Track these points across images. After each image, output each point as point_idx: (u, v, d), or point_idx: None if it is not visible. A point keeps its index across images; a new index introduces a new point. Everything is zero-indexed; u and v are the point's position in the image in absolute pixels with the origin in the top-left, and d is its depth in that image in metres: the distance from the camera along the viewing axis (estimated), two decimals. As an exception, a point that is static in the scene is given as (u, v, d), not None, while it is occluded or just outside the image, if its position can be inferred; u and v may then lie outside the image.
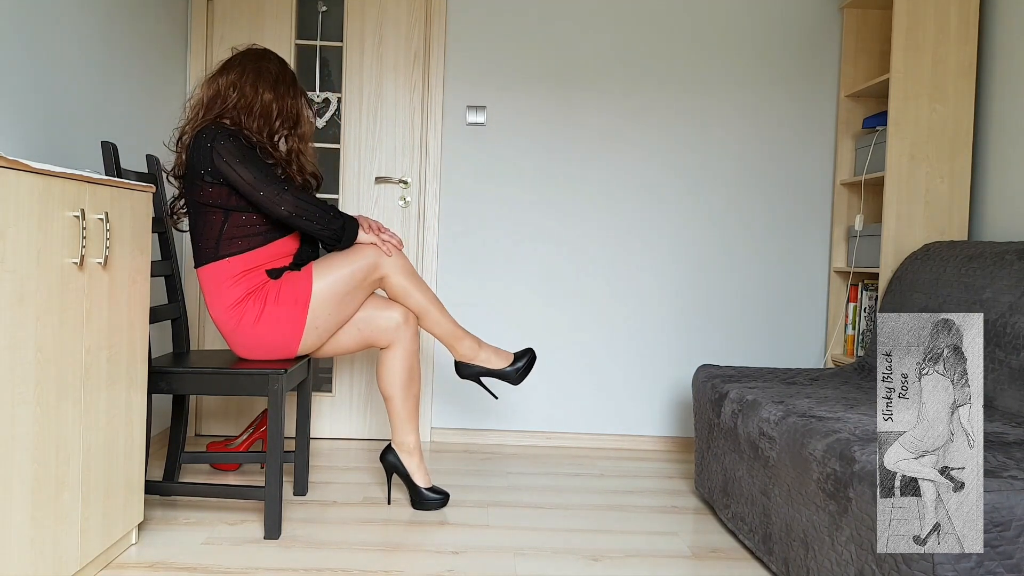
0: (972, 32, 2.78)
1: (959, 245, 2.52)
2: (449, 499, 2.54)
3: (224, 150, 2.19)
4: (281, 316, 2.28)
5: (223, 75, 2.36)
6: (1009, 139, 2.66)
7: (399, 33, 3.33)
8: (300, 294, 2.28)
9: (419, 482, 2.48)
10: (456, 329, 2.47)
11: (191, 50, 3.28)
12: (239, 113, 2.32)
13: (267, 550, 2.13)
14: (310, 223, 2.24)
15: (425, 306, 2.43)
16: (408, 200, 3.35)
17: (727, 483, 2.34)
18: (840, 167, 3.30)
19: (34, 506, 1.58)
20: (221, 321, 2.30)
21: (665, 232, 3.37)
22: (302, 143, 2.42)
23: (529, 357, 2.51)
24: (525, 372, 2.51)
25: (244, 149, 2.23)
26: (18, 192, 1.48)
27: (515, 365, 2.50)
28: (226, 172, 2.20)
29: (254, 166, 2.21)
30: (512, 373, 2.49)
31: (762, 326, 3.39)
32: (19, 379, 1.51)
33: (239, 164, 2.20)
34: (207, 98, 2.34)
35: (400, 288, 2.40)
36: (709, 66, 3.34)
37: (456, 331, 2.47)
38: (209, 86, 2.37)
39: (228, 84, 2.34)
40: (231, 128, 2.28)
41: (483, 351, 2.49)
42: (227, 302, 2.27)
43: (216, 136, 2.20)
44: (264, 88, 2.35)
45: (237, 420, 3.39)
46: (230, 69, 2.37)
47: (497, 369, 2.49)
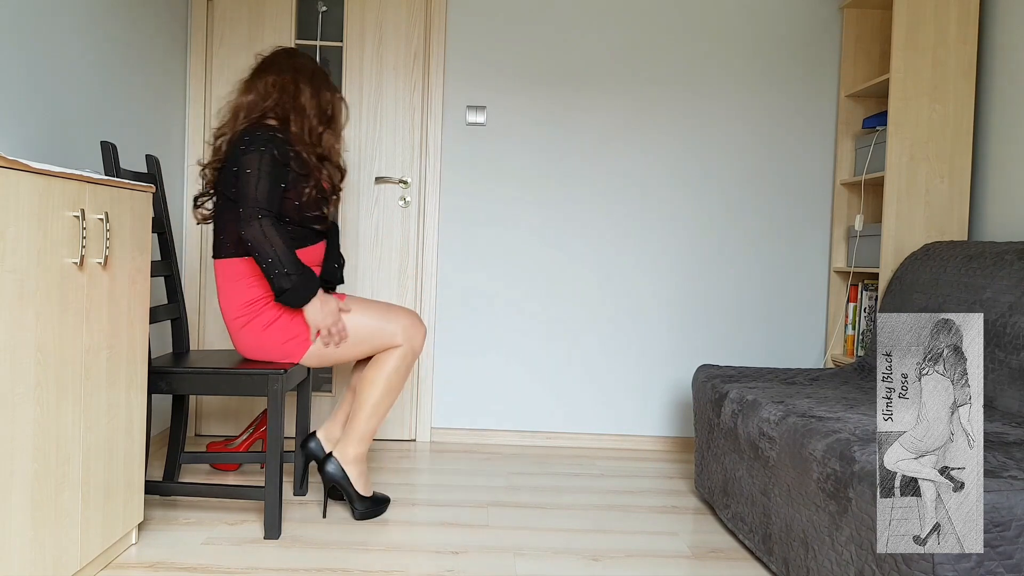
0: (972, 32, 2.78)
1: (959, 245, 2.52)
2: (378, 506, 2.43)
3: (254, 155, 2.16)
4: (292, 330, 2.26)
5: (261, 77, 2.34)
6: (1009, 139, 2.66)
7: (399, 33, 3.33)
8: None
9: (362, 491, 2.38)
10: (369, 436, 2.34)
11: (191, 50, 3.28)
12: (283, 111, 2.30)
13: (267, 550, 2.13)
14: (261, 263, 2.14)
15: (380, 394, 2.31)
16: (408, 200, 3.35)
17: (727, 483, 2.34)
18: (840, 167, 3.30)
19: (34, 506, 1.58)
20: (231, 316, 2.28)
21: (665, 232, 3.37)
22: (337, 139, 2.40)
23: (383, 507, 2.41)
24: (368, 515, 2.37)
25: (275, 167, 2.19)
26: (18, 192, 1.48)
27: (370, 501, 2.38)
28: (241, 174, 2.17)
29: (263, 183, 2.16)
30: (361, 506, 2.36)
31: (762, 326, 3.39)
32: (19, 379, 1.51)
33: (254, 173, 2.16)
34: (248, 101, 2.31)
35: (390, 365, 2.31)
36: (709, 66, 3.34)
37: (367, 436, 2.34)
38: (248, 89, 2.34)
39: (269, 85, 2.32)
40: (280, 136, 2.23)
41: (361, 468, 2.36)
42: (243, 299, 2.26)
43: (260, 140, 2.18)
44: (303, 84, 2.34)
45: (237, 420, 3.39)
46: (267, 70, 2.35)
47: (356, 491, 2.35)
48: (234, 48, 3.31)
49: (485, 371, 3.38)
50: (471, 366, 3.38)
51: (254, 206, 2.14)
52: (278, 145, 2.20)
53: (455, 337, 3.37)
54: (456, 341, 3.37)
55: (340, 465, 2.34)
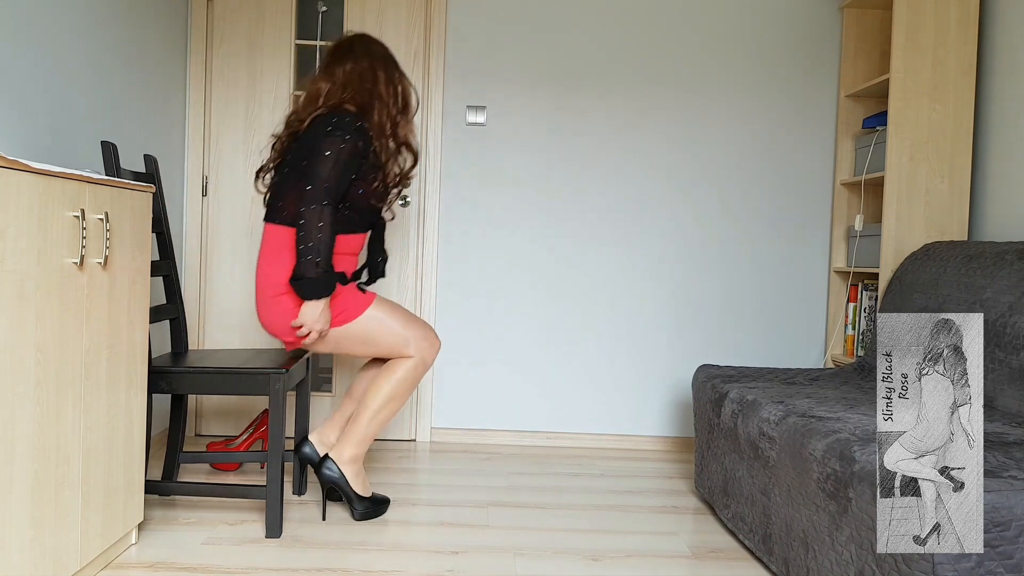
0: (972, 32, 2.78)
1: (959, 245, 2.52)
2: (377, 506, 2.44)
3: (338, 140, 2.18)
4: None
5: (339, 64, 2.35)
6: (1009, 139, 2.66)
7: (399, 33, 3.33)
8: (345, 315, 2.28)
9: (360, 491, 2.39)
10: (368, 440, 2.35)
11: (191, 50, 3.28)
12: (362, 99, 2.31)
13: (267, 550, 2.13)
14: (300, 244, 2.15)
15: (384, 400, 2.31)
16: (408, 200, 3.35)
17: (727, 483, 2.34)
18: (840, 167, 3.30)
19: (34, 506, 1.58)
20: (268, 283, 2.26)
21: (665, 232, 3.37)
22: (410, 124, 2.42)
23: (383, 507, 2.42)
24: (369, 515, 2.38)
25: (353, 157, 2.21)
26: (18, 192, 1.48)
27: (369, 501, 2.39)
28: (318, 152, 2.18)
29: (337, 171, 2.18)
30: (360, 507, 2.37)
31: (762, 326, 3.39)
32: (19, 379, 1.51)
33: (332, 158, 2.17)
34: (327, 88, 2.31)
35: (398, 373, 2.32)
36: (709, 66, 3.34)
37: (366, 440, 2.34)
38: (327, 76, 2.34)
39: (347, 72, 2.33)
40: (364, 126, 2.26)
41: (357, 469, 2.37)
42: (285, 271, 2.25)
43: (347, 127, 2.20)
44: (380, 72, 2.36)
45: (237, 420, 3.39)
46: (344, 58, 2.35)
47: (354, 491, 2.36)
48: (234, 48, 3.31)
49: (485, 371, 3.38)
50: (471, 366, 3.38)
51: (321, 190, 2.16)
52: (362, 135, 2.23)
53: (455, 337, 3.37)
54: (456, 341, 3.37)
55: (337, 466, 2.34)
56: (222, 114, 3.33)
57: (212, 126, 3.33)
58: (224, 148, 3.33)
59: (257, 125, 3.33)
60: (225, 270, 3.35)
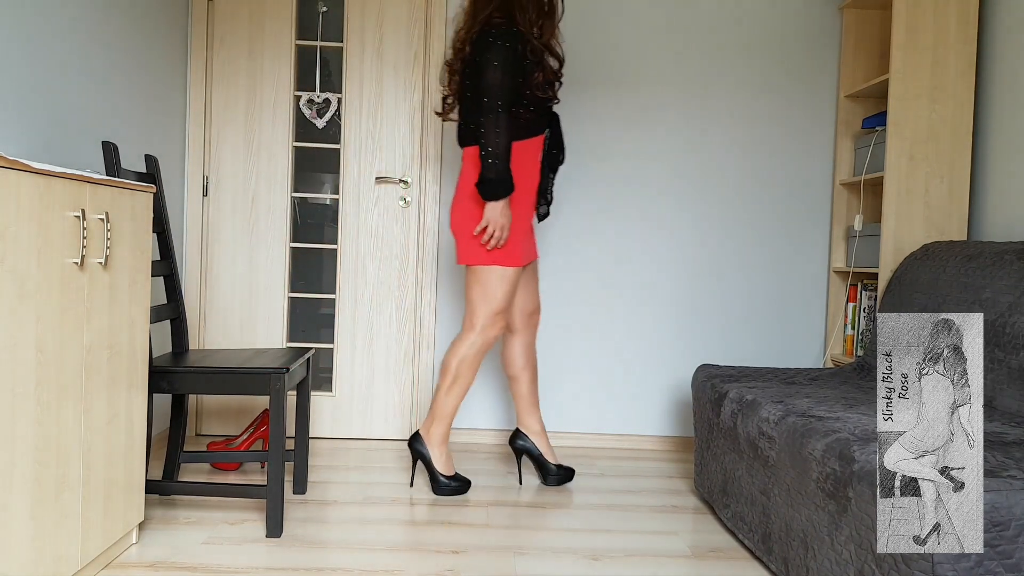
0: (972, 32, 2.78)
1: (958, 245, 2.52)
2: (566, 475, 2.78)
3: (499, 48, 2.40)
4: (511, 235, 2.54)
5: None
6: (1009, 139, 2.67)
7: (399, 33, 3.33)
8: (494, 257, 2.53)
9: (549, 459, 2.78)
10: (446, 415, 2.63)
11: (191, 50, 3.28)
12: (507, 8, 2.47)
13: (268, 549, 2.13)
14: (482, 150, 2.42)
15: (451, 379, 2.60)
16: (408, 200, 3.35)
17: (727, 483, 2.35)
18: (840, 167, 3.31)
19: (34, 506, 1.58)
20: (467, 193, 2.54)
21: (664, 232, 3.37)
22: (554, 29, 2.57)
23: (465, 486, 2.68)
24: (452, 492, 2.65)
25: (516, 60, 2.43)
26: (18, 192, 1.48)
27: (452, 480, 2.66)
28: (484, 63, 2.41)
29: (506, 77, 2.41)
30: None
31: (762, 326, 3.39)
32: (19, 379, 1.51)
33: (498, 67, 2.40)
34: (476, 6, 2.51)
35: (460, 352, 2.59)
36: (709, 66, 3.34)
37: (445, 416, 2.64)
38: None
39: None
40: (514, 30, 2.45)
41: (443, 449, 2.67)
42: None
43: (503, 36, 2.42)
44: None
45: (237, 420, 3.39)
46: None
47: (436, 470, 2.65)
48: (234, 48, 3.31)
49: (485, 370, 3.38)
50: (471, 366, 3.38)
51: (495, 98, 2.40)
52: (517, 39, 2.44)
53: (454, 337, 3.37)
54: (456, 341, 3.37)
55: (426, 444, 2.65)
56: (222, 114, 3.33)
57: (212, 126, 3.33)
58: (224, 148, 3.34)
59: (257, 125, 3.34)
60: (225, 270, 3.35)
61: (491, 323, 2.57)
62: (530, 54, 2.48)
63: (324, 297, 3.42)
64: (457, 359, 2.58)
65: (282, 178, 3.35)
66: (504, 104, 2.41)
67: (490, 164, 2.41)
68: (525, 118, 2.51)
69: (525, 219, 2.59)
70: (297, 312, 3.43)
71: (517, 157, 2.53)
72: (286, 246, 3.36)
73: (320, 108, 3.36)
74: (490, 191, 2.43)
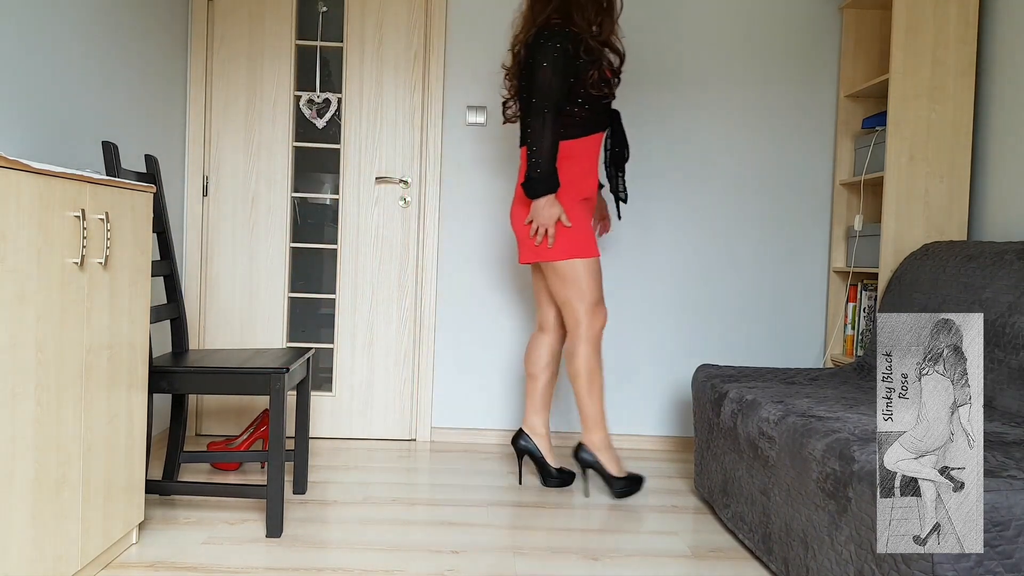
0: (972, 32, 2.78)
1: (958, 245, 2.52)
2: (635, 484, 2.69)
3: (549, 49, 2.42)
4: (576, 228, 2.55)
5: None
6: (1009, 139, 2.67)
7: (399, 33, 3.33)
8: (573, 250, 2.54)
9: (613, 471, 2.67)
10: (599, 419, 2.64)
11: (191, 50, 3.28)
12: (565, 9, 2.49)
13: (268, 549, 2.13)
14: (529, 149, 2.44)
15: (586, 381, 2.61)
16: (408, 200, 3.35)
17: (727, 483, 2.35)
18: (839, 167, 3.31)
19: (35, 506, 1.58)
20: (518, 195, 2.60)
21: (664, 231, 3.37)
22: (613, 26, 2.59)
23: (637, 485, 2.68)
24: (627, 492, 2.67)
25: (568, 61, 2.44)
26: (18, 192, 1.48)
27: (625, 480, 2.66)
28: (534, 64, 2.43)
29: (556, 79, 2.43)
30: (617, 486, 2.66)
31: (762, 326, 3.39)
32: (20, 379, 1.51)
33: (547, 68, 2.42)
34: (535, 9, 2.54)
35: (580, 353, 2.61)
36: (709, 66, 3.34)
37: (598, 420, 2.64)
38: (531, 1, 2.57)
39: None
40: (567, 31, 2.46)
41: (611, 453, 2.67)
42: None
43: (556, 37, 2.44)
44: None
45: (237, 420, 3.39)
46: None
47: (608, 472, 2.64)
48: (234, 48, 3.31)
49: (485, 370, 3.38)
50: (471, 365, 3.38)
51: (544, 99, 2.43)
52: (570, 39, 2.45)
53: (455, 337, 3.37)
54: (456, 340, 3.37)
55: (591, 452, 2.65)
56: (222, 114, 3.33)
57: (212, 126, 3.33)
58: (224, 148, 3.34)
59: (257, 125, 3.34)
60: (225, 270, 3.35)
61: (593, 315, 2.59)
62: (584, 53, 2.48)
63: (324, 297, 3.42)
64: (583, 362, 2.59)
65: (282, 178, 3.35)
66: (551, 105, 2.43)
67: (533, 163, 2.44)
68: (580, 116, 2.52)
69: (588, 215, 2.61)
70: (297, 312, 3.43)
71: (574, 154, 2.54)
72: (286, 246, 3.36)
73: (320, 108, 3.36)
74: (533, 189, 2.46)
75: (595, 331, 2.60)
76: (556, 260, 2.55)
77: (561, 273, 2.56)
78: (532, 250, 2.58)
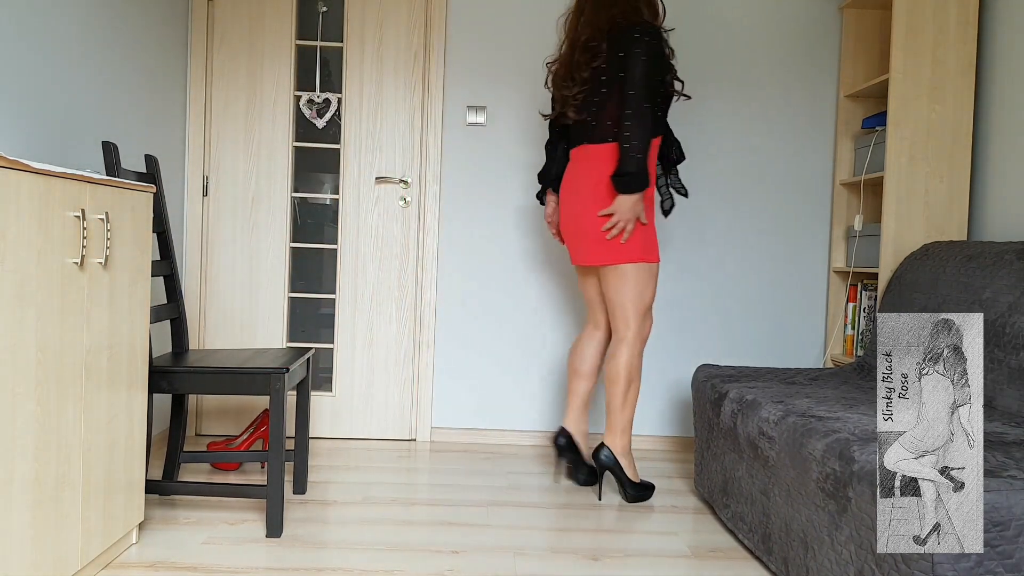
0: (972, 32, 2.78)
1: (958, 245, 2.52)
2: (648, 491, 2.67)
3: (647, 43, 2.39)
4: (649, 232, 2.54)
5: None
6: (1009, 139, 2.67)
7: (399, 33, 3.33)
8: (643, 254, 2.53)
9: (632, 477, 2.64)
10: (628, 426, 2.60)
11: (191, 50, 3.28)
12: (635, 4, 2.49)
13: (268, 549, 2.13)
14: (626, 143, 2.39)
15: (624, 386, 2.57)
16: (408, 200, 3.35)
17: (727, 483, 2.35)
18: (839, 167, 3.31)
19: (35, 506, 1.58)
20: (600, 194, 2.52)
21: (664, 231, 3.37)
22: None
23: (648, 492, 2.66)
24: (638, 498, 2.64)
25: (661, 58, 2.43)
26: (18, 192, 1.48)
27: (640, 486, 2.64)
28: (634, 58, 2.39)
29: (654, 73, 2.40)
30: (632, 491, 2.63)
31: (762, 326, 3.39)
32: (20, 379, 1.51)
33: (647, 63, 2.39)
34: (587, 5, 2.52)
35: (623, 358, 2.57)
36: (709, 66, 3.34)
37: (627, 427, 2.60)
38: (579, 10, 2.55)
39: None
40: (657, 28, 2.44)
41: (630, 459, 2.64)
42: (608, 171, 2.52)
43: (648, 31, 2.41)
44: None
45: (237, 420, 3.39)
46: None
47: (626, 477, 2.62)
48: (234, 48, 3.31)
49: (485, 370, 3.38)
50: (471, 365, 3.38)
51: (643, 92, 2.39)
52: (659, 36, 2.44)
53: (456, 336, 3.37)
54: (456, 340, 3.37)
55: (612, 454, 2.61)
56: (222, 114, 3.33)
57: (212, 126, 3.33)
58: (224, 148, 3.34)
59: (257, 125, 3.34)
60: (225, 270, 3.35)
61: (644, 320, 2.58)
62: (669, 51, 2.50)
63: (324, 297, 3.42)
64: (624, 366, 2.56)
65: (282, 178, 3.35)
66: (652, 98, 2.41)
67: (630, 157, 2.39)
68: (656, 116, 2.52)
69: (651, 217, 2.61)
70: (297, 312, 3.43)
71: (651, 153, 2.53)
72: (286, 246, 3.36)
73: (320, 108, 3.36)
74: (628, 184, 2.41)
75: (643, 337, 2.59)
76: (628, 263, 2.51)
77: (627, 275, 2.53)
78: (605, 251, 2.51)
